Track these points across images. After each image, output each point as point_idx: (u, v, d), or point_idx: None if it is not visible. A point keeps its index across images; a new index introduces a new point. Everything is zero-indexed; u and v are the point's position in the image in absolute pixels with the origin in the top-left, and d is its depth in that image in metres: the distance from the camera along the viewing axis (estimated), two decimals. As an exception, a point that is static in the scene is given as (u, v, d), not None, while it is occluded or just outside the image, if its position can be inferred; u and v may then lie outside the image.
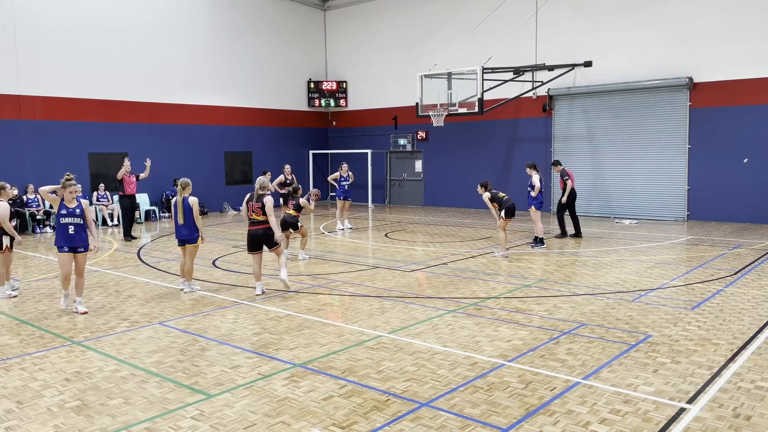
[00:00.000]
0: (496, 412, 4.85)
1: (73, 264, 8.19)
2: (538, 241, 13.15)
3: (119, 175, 14.97)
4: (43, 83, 17.74)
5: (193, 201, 9.13)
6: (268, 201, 8.82)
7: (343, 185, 16.40)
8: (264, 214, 8.80)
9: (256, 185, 8.99)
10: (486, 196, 12.06)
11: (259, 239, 8.93)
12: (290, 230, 11.45)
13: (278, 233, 8.98)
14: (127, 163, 15.13)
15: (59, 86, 18.08)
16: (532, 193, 12.93)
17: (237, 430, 4.61)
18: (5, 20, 16.93)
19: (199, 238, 9.23)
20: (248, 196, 9.06)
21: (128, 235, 15.03)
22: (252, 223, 8.95)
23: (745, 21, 16.39)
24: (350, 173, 16.75)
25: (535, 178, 12.94)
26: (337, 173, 16.59)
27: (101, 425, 4.73)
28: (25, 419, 4.87)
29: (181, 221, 9.12)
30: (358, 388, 5.38)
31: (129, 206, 15.37)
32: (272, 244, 8.95)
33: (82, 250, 8.18)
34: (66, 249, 8.09)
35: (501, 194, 12.16)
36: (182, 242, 9.24)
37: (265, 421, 4.76)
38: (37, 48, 17.55)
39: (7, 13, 16.96)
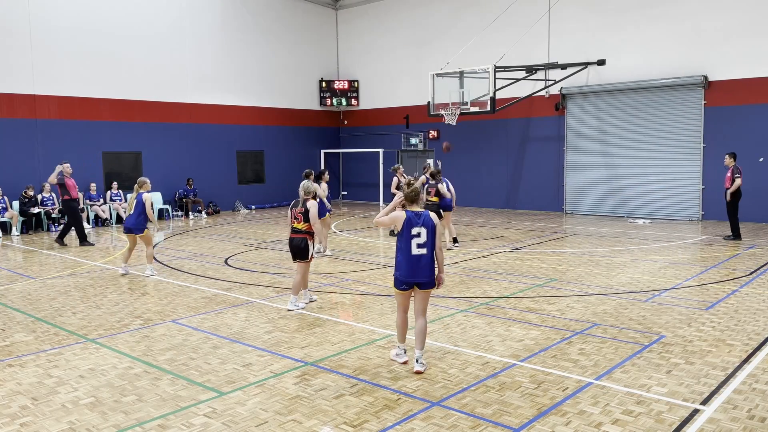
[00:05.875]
0: (507, 412, 4.83)
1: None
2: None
3: (54, 179, 13.95)
4: (58, 83, 17.90)
5: (146, 197, 10.37)
6: (312, 206, 8.11)
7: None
8: (306, 221, 8.09)
9: (300, 190, 8.34)
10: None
11: (295, 249, 8.14)
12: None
13: (320, 242, 8.34)
14: (66, 166, 14.14)
15: (73, 86, 18.24)
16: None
17: (249, 428, 4.63)
18: (20, 21, 17.10)
19: (146, 229, 10.50)
20: (293, 202, 8.40)
21: (85, 240, 14.29)
22: (292, 230, 8.22)
23: (761, 18, 16.18)
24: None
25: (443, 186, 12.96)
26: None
27: (115, 422, 4.77)
28: (40, 415, 4.93)
29: (130, 211, 10.43)
30: (369, 387, 5.39)
31: (77, 209, 14.48)
32: (305, 257, 8.11)
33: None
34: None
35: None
36: (128, 230, 10.54)
37: (276, 419, 4.78)
38: (52, 48, 17.71)
39: (22, 14, 17.13)
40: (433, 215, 5.76)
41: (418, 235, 5.68)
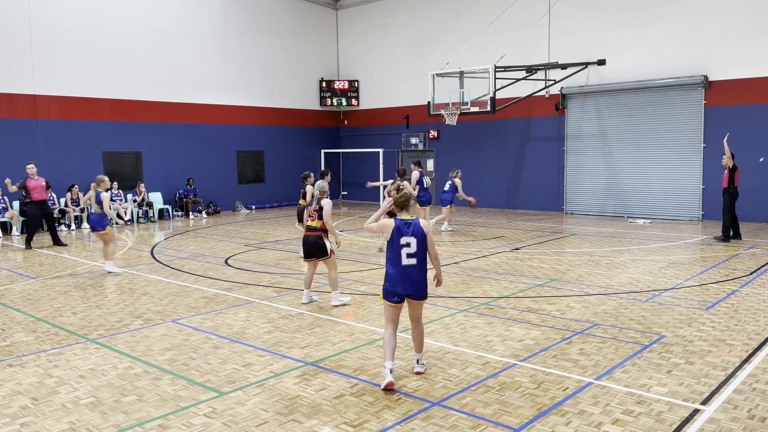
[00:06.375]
0: (507, 412, 4.83)
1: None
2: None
3: (15, 188, 13.80)
4: (58, 83, 17.90)
5: (104, 196, 10.66)
6: (326, 204, 8.24)
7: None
8: (320, 218, 8.22)
9: (315, 190, 8.45)
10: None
11: (311, 247, 8.30)
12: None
13: (334, 240, 8.43)
14: (29, 167, 13.97)
15: (74, 86, 18.24)
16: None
17: (249, 428, 4.63)
18: (21, 21, 17.10)
19: (108, 227, 10.75)
20: (308, 201, 8.47)
21: (29, 244, 13.87)
22: (307, 228, 8.40)
23: (761, 18, 16.19)
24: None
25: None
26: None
27: (115, 422, 4.77)
28: (41, 415, 4.93)
29: (97, 210, 10.67)
30: (369, 387, 5.39)
31: (39, 214, 14.26)
32: (323, 254, 8.28)
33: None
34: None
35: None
36: (93, 228, 10.89)
37: (276, 419, 4.78)
38: (52, 48, 17.70)
39: (23, 14, 17.13)
40: (423, 223, 5.45)
41: (408, 245, 5.36)
